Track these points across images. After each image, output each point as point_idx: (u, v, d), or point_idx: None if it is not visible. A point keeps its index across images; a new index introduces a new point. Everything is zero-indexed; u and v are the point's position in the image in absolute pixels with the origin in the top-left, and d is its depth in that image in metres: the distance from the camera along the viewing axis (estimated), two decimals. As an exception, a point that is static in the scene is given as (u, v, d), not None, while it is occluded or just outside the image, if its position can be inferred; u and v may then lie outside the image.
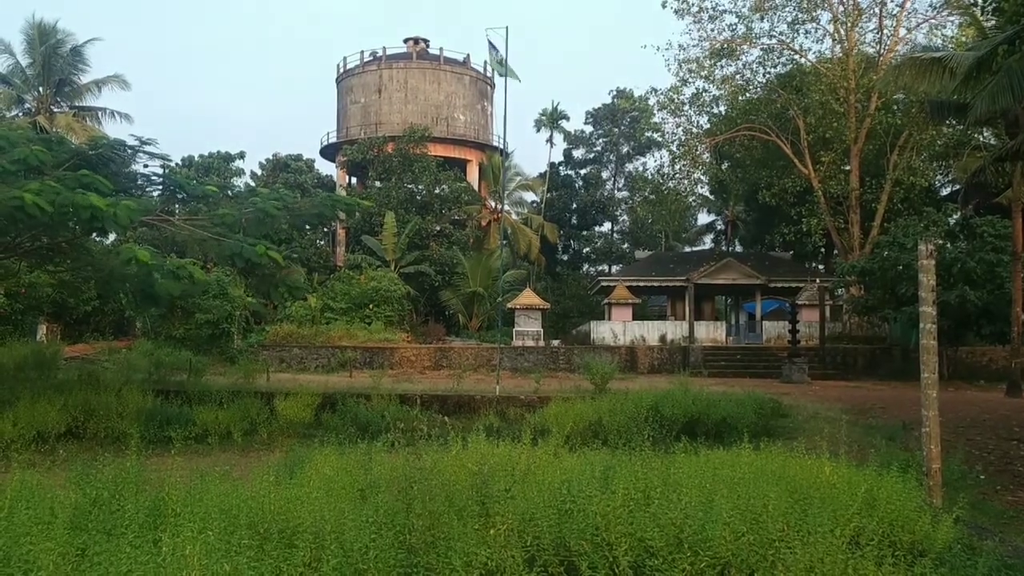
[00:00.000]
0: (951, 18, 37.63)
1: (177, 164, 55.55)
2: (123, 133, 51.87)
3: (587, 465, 9.23)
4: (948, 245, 29.62)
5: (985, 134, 36.19)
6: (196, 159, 60.85)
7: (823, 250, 48.81)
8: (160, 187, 21.74)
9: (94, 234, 19.15)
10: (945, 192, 43.06)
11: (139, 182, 21.22)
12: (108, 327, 40.20)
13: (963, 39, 35.15)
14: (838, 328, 38.19)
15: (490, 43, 27.05)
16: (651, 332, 38.53)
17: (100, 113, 48.15)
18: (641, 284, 41.87)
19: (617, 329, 38.23)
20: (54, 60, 46.28)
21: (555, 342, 39.41)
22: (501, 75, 28.59)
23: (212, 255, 19.24)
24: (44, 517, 6.77)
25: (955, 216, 34.14)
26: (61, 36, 46.62)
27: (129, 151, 20.31)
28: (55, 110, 46.51)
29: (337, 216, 31.93)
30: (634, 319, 39.17)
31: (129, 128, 77.68)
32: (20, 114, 45.57)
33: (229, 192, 24.22)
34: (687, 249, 62.13)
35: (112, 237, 24.67)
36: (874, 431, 16.75)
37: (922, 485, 9.22)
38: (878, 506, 7.93)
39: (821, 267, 49.68)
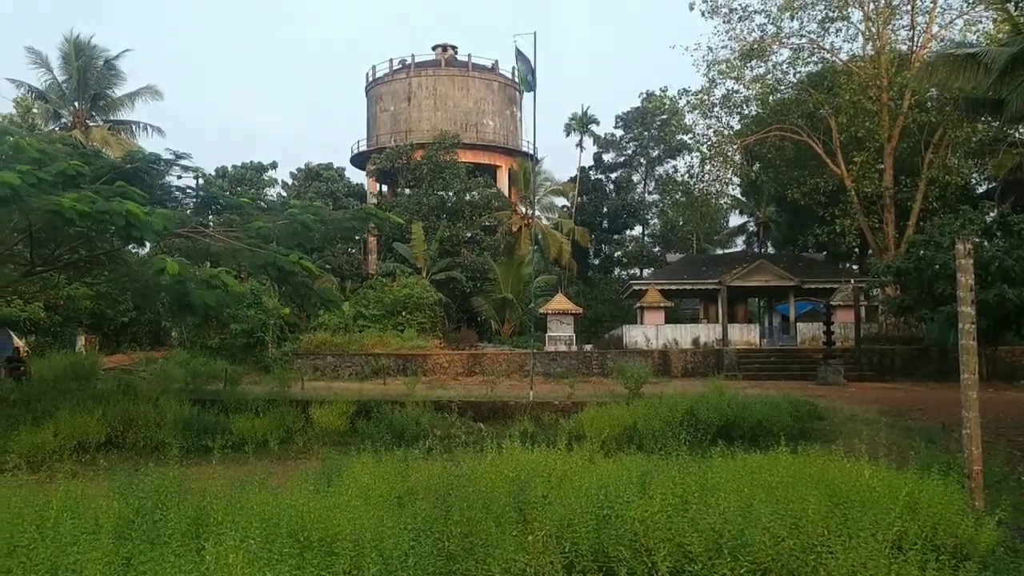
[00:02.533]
0: (985, 13, 37.22)
1: (210, 175, 56.11)
2: (156, 146, 52.51)
3: (624, 470, 9.22)
4: (985, 243, 29.23)
5: (1021, 130, 35.75)
6: (229, 170, 61.43)
7: (857, 250, 48.38)
8: (195, 199, 22.01)
9: (131, 245, 19.41)
10: (981, 190, 42.55)
11: (174, 194, 21.48)
12: (145, 338, 40.72)
13: (998, 35, 34.76)
14: (874, 329, 37.84)
15: (517, 52, 27.05)
16: (684, 335, 38.37)
17: (134, 127, 48.86)
18: (673, 287, 41.70)
19: (650, 333, 38.10)
20: (89, 74, 47.02)
21: (588, 347, 39.35)
22: (527, 90, 28.61)
23: (246, 265, 19.42)
24: (89, 527, 6.87)
25: (992, 214, 33.73)
26: (97, 51, 47.38)
27: (164, 165, 20.58)
28: (90, 124, 47.24)
29: (369, 228, 32.17)
30: (666, 322, 39.01)
31: (162, 141, 78.77)
32: (57, 128, 46.33)
33: (262, 204, 24.42)
34: (719, 251, 61.83)
35: (148, 248, 24.97)
36: (913, 433, 16.58)
37: (964, 488, 9.12)
38: (920, 509, 7.86)
39: (855, 267, 49.23)
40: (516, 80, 57.44)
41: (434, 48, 60.74)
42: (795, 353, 36.23)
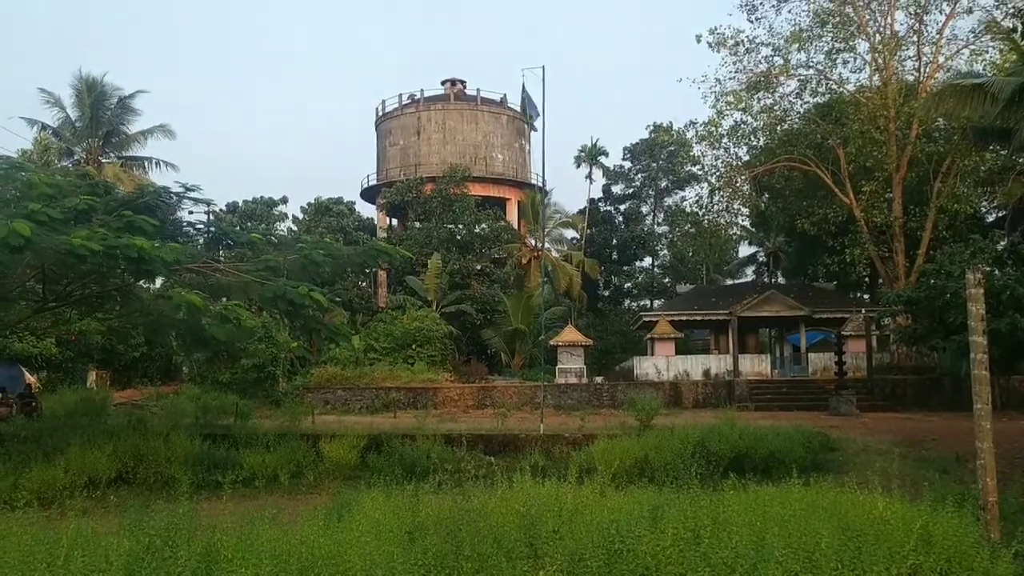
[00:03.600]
0: (991, 44, 37.34)
1: (221, 210, 56.57)
2: (169, 181, 53.12)
3: (635, 504, 9.17)
4: (996, 272, 29.10)
5: (1030, 159, 35.72)
6: (240, 205, 61.79)
7: (867, 280, 48.24)
8: (206, 235, 22.12)
9: (142, 279, 19.51)
10: (991, 219, 42.45)
11: (184, 229, 21.61)
12: (156, 373, 40.74)
13: (1005, 65, 34.84)
14: (886, 359, 37.64)
15: (524, 92, 27.23)
16: (695, 366, 38.26)
17: (146, 162, 49.26)
18: (683, 318, 41.63)
19: (660, 364, 38.00)
20: (101, 112, 47.52)
21: (598, 379, 39.23)
22: (533, 128, 28.79)
23: (256, 297, 19.50)
24: (100, 564, 6.86)
25: (1003, 243, 33.62)
26: (108, 89, 47.90)
27: (174, 198, 20.71)
28: (103, 160, 47.65)
29: (378, 263, 32.36)
30: (677, 354, 38.92)
31: (175, 176, 79.50)
32: (70, 165, 46.73)
33: (273, 239, 24.55)
34: (729, 282, 61.70)
35: (159, 283, 25.09)
36: (927, 464, 16.45)
37: (979, 519, 9.03)
38: (934, 542, 7.78)
39: (866, 297, 49.07)
40: (522, 114, 57.99)
41: (443, 83, 61.22)
42: (807, 384, 36.06)
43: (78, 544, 7.45)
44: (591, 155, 62.60)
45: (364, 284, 56.59)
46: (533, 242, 55.21)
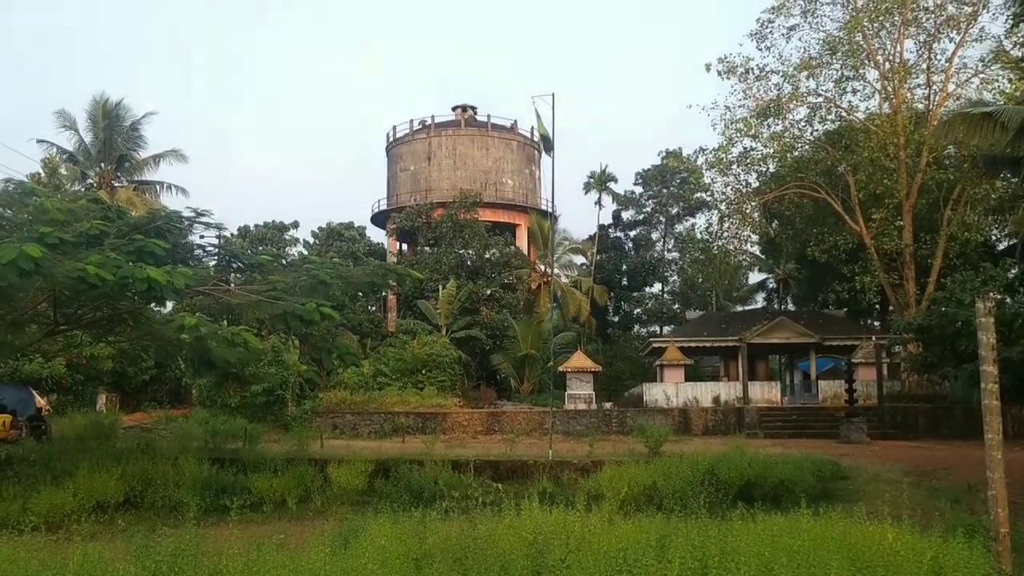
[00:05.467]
0: (1001, 73, 37.35)
1: (232, 234, 56.67)
2: (180, 206, 53.34)
3: (643, 532, 9.11)
4: (1008, 300, 28.96)
5: (1040, 187, 35.64)
6: (251, 229, 62.01)
7: (878, 307, 48.08)
8: (216, 257, 22.23)
9: (152, 303, 19.58)
10: (1002, 246, 42.30)
11: (195, 252, 21.72)
12: (165, 396, 40.78)
13: (1015, 93, 34.86)
14: (896, 387, 37.44)
15: (538, 114, 27.45)
16: (704, 393, 38.13)
17: (158, 187, 49.54)
18: (693, 345, 41.56)
19: (670, 391, 37.89)
20: (115, 136, 47.88)
21: (607, 405, 39.13)
22: (546, 151, 28.85)
23: (265, 316, 19.54)
24: (105, 591, 6.83)
25: (1014, 271, 33.47)
26: (122, 112, 48.29)
27: (186, 222, 20.83)
28: (116, 184, 47.96)
29: (389, 284, 32.38)
30: (687, 380, 38.82)
31: (186, 201, 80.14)
32: (83, 189, 47.02)
33: (283, 261, 24.66)
34: (739, 308, 61.56)
35: (170, 306, 25.17)
36: (938, 494, 16.32)
37: (990, 551, 8.94)
38: (945, 574, 7.70)
39: (876, 324, 48.86)
40: (538, 139, 58.16)
41: (454, 109, 61.45)
42: (817, 411, 35.89)
43: (84, 570, 7.43)
44: (600, 181, 62.72)
45: (374, 308, 56.64)
46: (543, 268, 55.22)
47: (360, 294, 46.55)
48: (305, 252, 60.65)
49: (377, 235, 65.52)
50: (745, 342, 38.97)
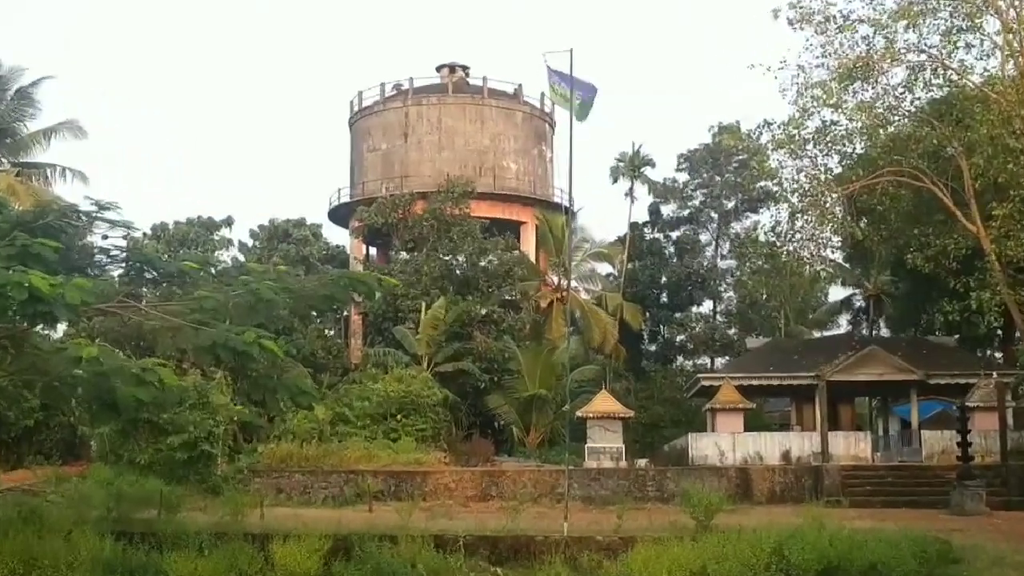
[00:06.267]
0: None
1: (145, 234, 56.73)
2: (77, 196, 52.99)
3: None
4: None
5: None
6: (170, 227, 62.02)
7: (1000, 332, 47.92)
8: (123, 264, 22.15)
9: (39, 325, 19.48)
10: None
11: (96, 258, 21.64)
12: (55, 448, 40.60)
13: None
14: (1025, 439, 37.34)
15: (549, 70, 27.43)
16: (769, 447, 38.02)
17: (49, 171, 49.46)
18: (755, 383, 41.46)
19: (724, 444, 37.78)
20: (-8, 105, 47.87)
21: (641, 462, 39.02)
22: (566, 108, 28.84)
23: (188, 348, 19.46)
24: None
25: None
26: (4, 74, 48.29)
27: (84, 219, 20.76)
28: (-8, 168, 47.92)
29: (352, 299, 32.28)
30: (746, 430, 38.70)
31: (85, 190, 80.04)
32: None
33: (212, 270, 24.60)
34: (815, 335, 61.46)
35: (62, 329, 25.14)
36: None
37: None
38: None
39: (998, 356, 48.76)
40: (548, 105, 58.12)
41: (439, 69, 61.45)
42: (920, 471, 35.75)
43: None
44: (633, 165, 62.77)
45: (332, 333, 56.62)
46: (556, 280, 55.24)
47: (314, 313, 46.48)
48: (242, 257, 60.72)
49: (337, 235, 65.72)
50: (824, 379, 38.84)
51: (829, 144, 41.65)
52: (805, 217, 42.32)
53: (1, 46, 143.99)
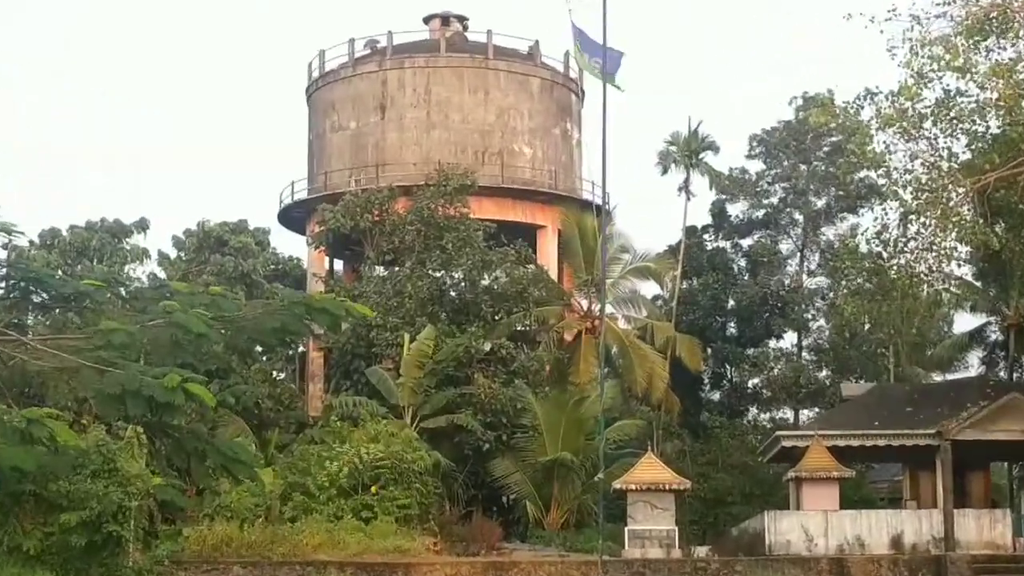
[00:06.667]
0: None
1: (31, 242, 56.88)
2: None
3: None
4: None
5: None
6: (64, 234, 62.11)
7: None
8: (2, 283, 22.18)
9: None
10: None
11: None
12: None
13: None
14: None
15: (574, 27, 27.51)
16: (874, 530, 37.95)
17: None
18: (854, 443, 41.33)
19: (813, 525, 37.73)
20: None
21: (701, 550, 38.99)
22: (595, 77, 28.91)
23: (89, 395, 19.47)
24: None
25: None
26: None
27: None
28: None
29: (311, 331, 32.01)
30: (843, 506, 38.64)
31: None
32: None
33: (122, 290, 24.61)
34: (936, 378, 61.29)
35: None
36: None
37: None
38: None
39: None
40: (574, 69, 58.21)
41: (427, 20, 61.45)
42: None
43: None
44: (690, 150, 62.54)
45: (283, 376, 56.54)
46: (586, 304, 55.14)
47: (259, 349, 46.52)
48: (162, 274, 60.78)
49: (290, 243, 65.82)
50: (948, 438, 38.75)
51: (954, 121, 41.68)
52: (922, 219, 42.33)
53: None
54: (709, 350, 62.20)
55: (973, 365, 63.47)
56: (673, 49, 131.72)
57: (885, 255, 45.24)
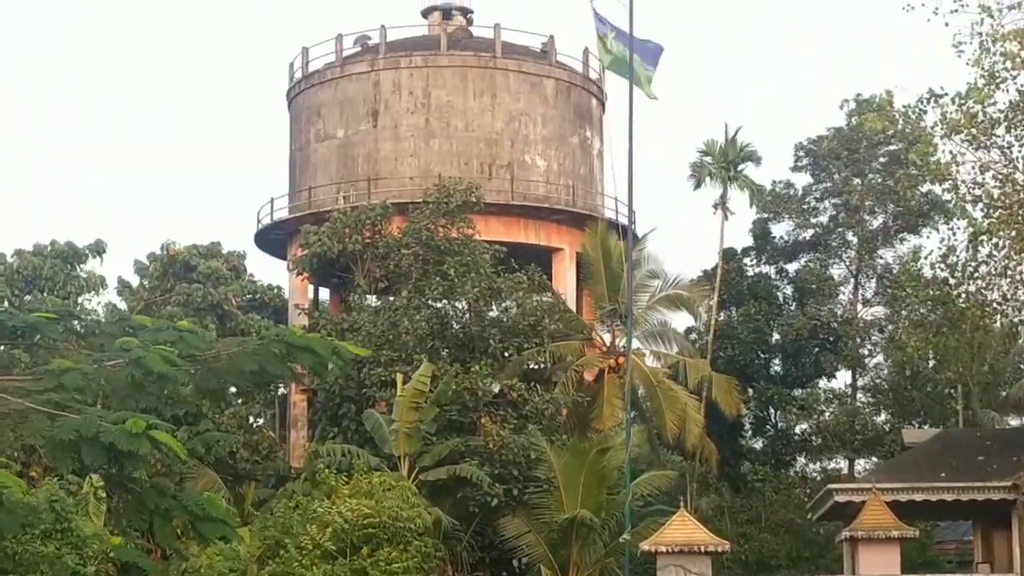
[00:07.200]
0: None
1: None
2: None
3: None
4: None
5: None
6: (10, 260, 62.22)
7: None
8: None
9: None
10: None
11: None
12: None
13: None
14: None
15: (596, 16, 27.58)
16: (942, 597, 37.91)
17: None
18: (917, 498, 41.27)
19: (871, 592, 37.74)
20: None
21: (742, 621, 38.94)
22: (621, 74, 28.92)
23: (39, 444, 19.52)
24: None
25: None
26: None
27: None
28: None
29: (294, 374, 31.94)
30: (905, 571, 38.59)
31: None
32: None
33: (76, 324, 24.66)
34: (1011, 422, 61.18)
35: None
36: None
37: None
38: None
39: None
40: (595, 70, 58.25)
41: (426, 13, 61.53)
42: None
43: None
44: (727, 161, 62.60)
45: (261, 422, 56.52)
46: (609, 338, 55.10)
47: (234, 390, 46.57)
48: (122, 304, 60.81)
49: (268, 269, 66.10)
50: (1026, 491, 38.75)
51: (1031, 127, 41.71)
52: (994, 240, 42.31)
53: None
54: (750, 391, 62.20)
55: (1055, 408, 63.60)
56: (707, 45, 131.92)
57: (952, 281, 45.24)
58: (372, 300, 53.55)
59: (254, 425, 55.09)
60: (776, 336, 64.47)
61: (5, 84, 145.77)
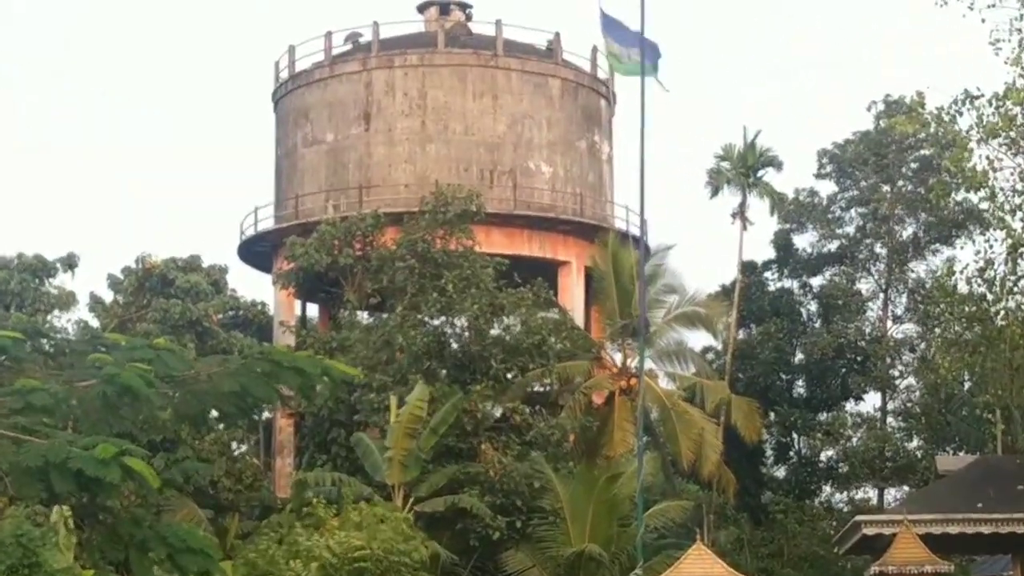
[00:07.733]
0: None
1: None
2: None
3: None
4: None
5: None
6: (-26, 273, 62.29)
7: None
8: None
9: None
10: None
11: None
12: None
13: None
14: None
15: (603, 16, 27.63)
16: (980, 639, 37.86)
17: None
18: (952, 530, 41.19)
19: (901, 633, 37.67)
20: None
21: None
22: (626, 76, 28.96)
23: (4, 469, 19.51)
24: None
25: None
26: None
27: None
28: None
29: (280, 397, 31.94)
30: (940, 609, 38.58)
31: None
32: None
33: (45, 343, 24.63)
34: (1052, 449, 61.20)
35: None
36: None
37: None
38: None
39: None
40: (603, 69, 58.25)
41: (422, 9, 61.55)
42: None
43: None
44: (745, 167, 62.58)
45: (244, 448, 56.48)
46: (620, 358, 55.08)
47: (215, 414, 46.57)
48: (94, 322, 60.80)
49: (252, 284, 66.29)
50: (1070, 524, 38.69)
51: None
52: (1035, 254, 42.27)
53: None
54: (772, 415, 62.15)
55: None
56: (725, 47, 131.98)
57: (990, 297, 45.17)
58: (363, 317, 53.45)
59: (237, 452, 55.02)
60: (800, 356, 64.48)
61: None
